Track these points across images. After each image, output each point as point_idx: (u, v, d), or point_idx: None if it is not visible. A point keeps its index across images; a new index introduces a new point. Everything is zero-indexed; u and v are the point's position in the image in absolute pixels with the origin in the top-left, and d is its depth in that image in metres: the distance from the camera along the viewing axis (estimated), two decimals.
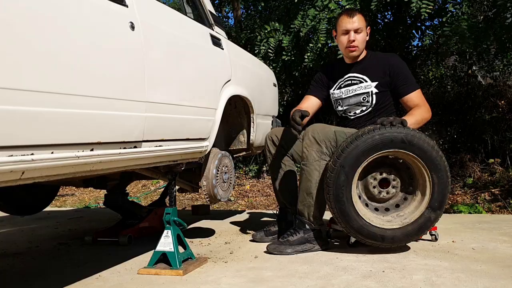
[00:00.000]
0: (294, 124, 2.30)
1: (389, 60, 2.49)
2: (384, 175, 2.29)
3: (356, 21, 2.45)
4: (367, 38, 2.53)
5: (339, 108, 2.57)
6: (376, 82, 2.47)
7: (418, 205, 2.27)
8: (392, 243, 2.22)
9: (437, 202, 2.23)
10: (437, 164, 2.20)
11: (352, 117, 2.53)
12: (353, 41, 2.46)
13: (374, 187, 2.28)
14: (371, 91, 2.47)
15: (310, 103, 2.63)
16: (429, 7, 4.01)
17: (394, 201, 2.32)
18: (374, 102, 2.47)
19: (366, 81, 2.49)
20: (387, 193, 2.29)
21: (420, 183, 2.27)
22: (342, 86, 2.57)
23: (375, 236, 2.20)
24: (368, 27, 2.54)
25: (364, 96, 2.48)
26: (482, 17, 4.40)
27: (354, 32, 2.45)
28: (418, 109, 2.40)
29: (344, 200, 2.18)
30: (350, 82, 2.54)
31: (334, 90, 2.60)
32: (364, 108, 2.49)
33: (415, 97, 2.43)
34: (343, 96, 2.55)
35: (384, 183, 2.30)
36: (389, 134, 2.17)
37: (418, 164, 2.22)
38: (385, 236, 2.20)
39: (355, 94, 2.50)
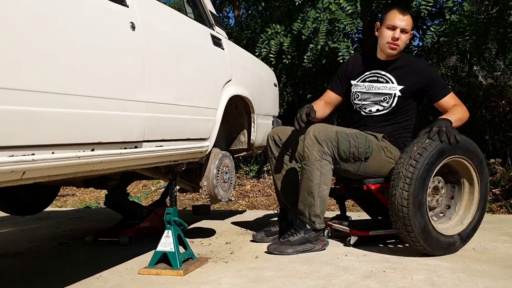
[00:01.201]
0: (298, 118, 2.36)
1: (423, 66, 2.47)
2: (440, 184, 2.31)
3: (406, 21, 2.42)
4: (408, 42, 2.51)
5: (356, 101, 2.54)
6: (402, 86, 2.44)
7: (451, 227, 2.30)
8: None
9: (467, 234, 2.30)
10: (485, 200, 2.33)
11: (365, 114, 2.50)
12: (397, 39, 2.42)
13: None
14: (394, 94, 2.44)
15: (329, 98, 2.68)
16: (429, 4, 4.01)
17: (432, 212, 2.31)
18: (393, 105, 2.44)
19: (392, 83, 2.46)
20: (431, 201, 2.29)
21: (463, 205, 2.35)
22: (366, 80, 2.54)
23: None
24: (412, 31, 2.52)
25: (386, 96, 2.46)
26: (483, 16, 4.39)
27: (400, 30, 2.42)
28: (457, 108, 2.40)
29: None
30: (376, 78, 2.51)
31: (358, 81, 2.57)
32: (381, 108, 2.46)
33: (451, 98, 2.43)
34: (364, 90, 2.52)
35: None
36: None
37: (476, 189, 2.32)
38: None
39: (377, 93, 2.48)
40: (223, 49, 2.51)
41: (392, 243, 2.47)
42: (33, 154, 1.23)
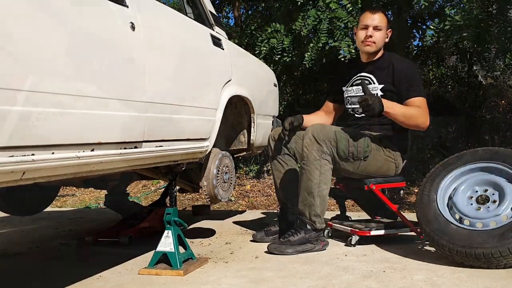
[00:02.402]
0: (281, 128, 2.53)
1: (398, 65, 2.46)
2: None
3: (377, 19, 2.46)
4: (387, 40, 2.52)
5: (348, 105, 2.60)
6: (382, 85, 2.45)
7: None
8: None
9: None
10: None
11: (358, 116, 2.55)
12: (370, 36, 2.45)
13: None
14: (377, 94, 2.45)
15: (327, 108, 2.77)
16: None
17: None
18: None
19: (374, 83, 2.48)
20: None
21: None
22: (354, 84, 2.58)
23: None
24: (390, 30, 2.53)
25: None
26: (483, 14, 4.38)
27: (373, 28, 2.46)
28: (414, 108, 2.34)
29: None
30: (361, 81, 2.54)
31: (347, 87, 2.61)
32: None
33: (418, 101, 2.36)
34: (353, 94, 2.55)
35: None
36: None
37: None
38: None
39: (362, 95, 2.49)
40: (223, 49, 2.51)
41: (392, 243, 2.47)
42: (33, 154, 1.23)
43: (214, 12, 2.70)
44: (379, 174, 2.46)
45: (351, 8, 4.34)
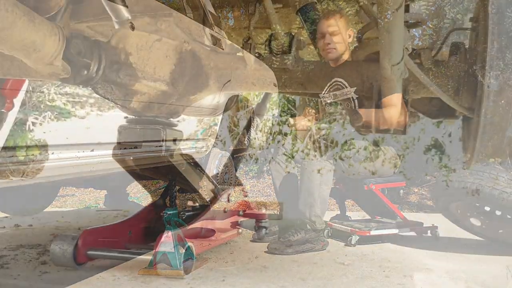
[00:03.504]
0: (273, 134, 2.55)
1: (364, 64, 2.40)
2: None
3: (332, 24, 2.41)
4: (350, 39, 2.49)
5: (331, 111, 2.58)
6: (355, 88, 2.43)
7: None
8: None
9: None
10: None
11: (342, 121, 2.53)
12: (328, 44, 2.43)
13: None
14: (352, 97, 2.44)
15: (307, 114, 2.74)
16: (430, 4, 4.03)
17: None
18: (357, 108, 2.43)
19: (346, 87, 2.45)
20: None
21: None
22: (330, 90, 2.56)
23: None
24: (350, 29, 2.50)
25: (347, 102, 2.45)
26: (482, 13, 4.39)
27: (330, 34, 2.43)
28: (390, 108, 2.29)
29: None
30: (336, 87, 2.52)
31: (324, 93, 2.59)
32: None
33: (391, 99, 2.29)
34: (332, 101, 2.54)
35: None
36: None
37: None
38: None
39: (339, 100, 2.48)
40: (223, 49, 2.51)
41: (392, 243, 2.47)
42: (33, 154, 1.23)
43: (214, 12, 2.70)
44: (378, 174, 2.46)
45: (349, 12, 4.35)
